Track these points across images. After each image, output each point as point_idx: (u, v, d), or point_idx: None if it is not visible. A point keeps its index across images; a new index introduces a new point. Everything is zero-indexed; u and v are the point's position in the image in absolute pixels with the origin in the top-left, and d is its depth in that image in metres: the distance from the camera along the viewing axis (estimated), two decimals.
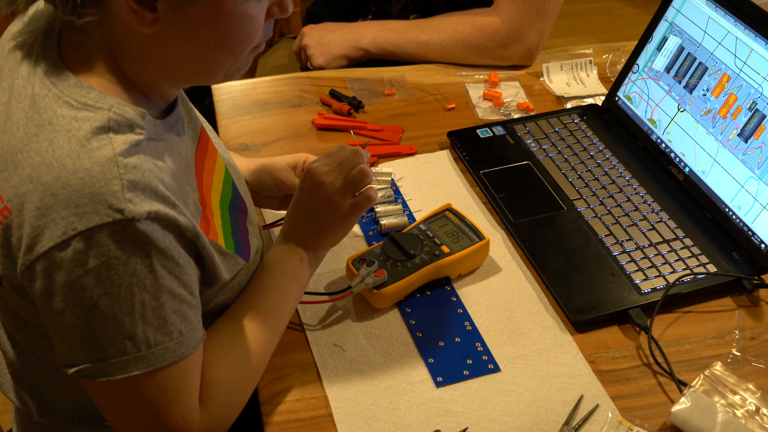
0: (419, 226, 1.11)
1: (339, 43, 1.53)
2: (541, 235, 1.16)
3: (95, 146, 0.70)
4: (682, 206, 1.21)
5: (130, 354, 0.74)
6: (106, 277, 0.71)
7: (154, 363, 0.75)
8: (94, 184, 0.69)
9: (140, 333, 0.74)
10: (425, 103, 1.45)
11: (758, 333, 1.06)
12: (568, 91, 1.49)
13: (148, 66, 0.76)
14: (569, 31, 1.73)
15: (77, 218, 0.69)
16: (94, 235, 0.70)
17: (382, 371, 0.97)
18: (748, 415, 0.93)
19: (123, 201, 0.69)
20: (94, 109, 0.72)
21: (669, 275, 1.10)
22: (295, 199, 0.95)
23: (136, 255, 0.71)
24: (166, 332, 0.75)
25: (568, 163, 1.29)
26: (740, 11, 1.16)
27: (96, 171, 0.70)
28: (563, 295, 1.07)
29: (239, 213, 0.92)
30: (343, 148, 0.95)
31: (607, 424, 0.92)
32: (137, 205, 0.70)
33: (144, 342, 0.74)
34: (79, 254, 0.70)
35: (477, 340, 1.01)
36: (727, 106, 1.17)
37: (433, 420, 0.92)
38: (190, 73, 0.79)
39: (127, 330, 0.73)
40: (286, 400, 0.94)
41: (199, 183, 0.85)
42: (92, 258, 0.70)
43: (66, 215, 0.69)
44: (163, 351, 0.76)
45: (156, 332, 0.75)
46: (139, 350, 0.74)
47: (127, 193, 0.70)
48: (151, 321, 0.74)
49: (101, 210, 0.69)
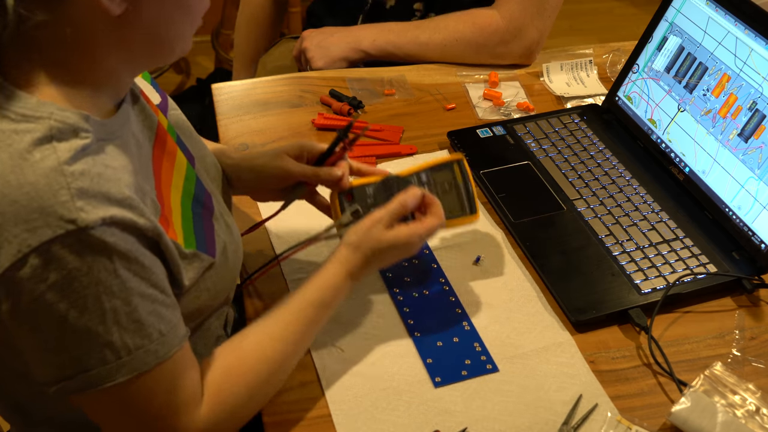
0: (421, 174, 1.02)
1: (339, 45, 1.53)
2: (541, 235, 1.16)
3: (38, 158, 0.68)
4: (682, 206, 1.20)
5: (111, 362, 0.73)
6: (70, 289, 0.69)
7: (138, 368, 0.74)
8: (41, 198, 0.67)
9: (117, 340, 0.72)
10: (425, 103, 1.44)
11: (758, 333, 1.06)
12: (568, 91, 1.49)
13: (108, 55, 0.74)
14: (569, 31, 1.73)
15: (29, 234, 0.67)
16: (49, 249, 0.67)
17: (380, 372, 0.97)
18: (748, 415, 0.93)
19: (74, 210, 0.67)
20: (33, 119, 0.69)
21: (669, 275, 1.10)
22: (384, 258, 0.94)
23: (97, 263, 0.69)
24: (145, 335, 0.74)
25: (568, 163, 1.29)
26: (740, 11, 1.16)
27: (42, 183, 0.67)
28: (563, 295, 1.07)
29: (203, 210, 0.90)
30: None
31: (606, 424, 0.92)
32: (89, 213, 0.68)
33: (123, 348, 0.73)
34: (37, 270, 0.68)
35: (475, 340, 1.01)
36: (727, 106, 1.17)
37: (432, 420, 0.92)
38: (153, 51, 0.77)
39: (103, 338, 0.72)
40: (286, 401, 0.94)
41: (157, 181, 0.83)
42: (52, 273, 0.68)
43: (17, 233, 0.67)
44: (144, 354, 0.74)
45: (134, 336, 0.73)
46: (119, 357, 0.73)
47: (78, 202, 0.68)
48: (127, 326, 0.72)
49: (52, 222, 0.67)
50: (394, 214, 0.94)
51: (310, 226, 1.07)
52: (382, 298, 1.06)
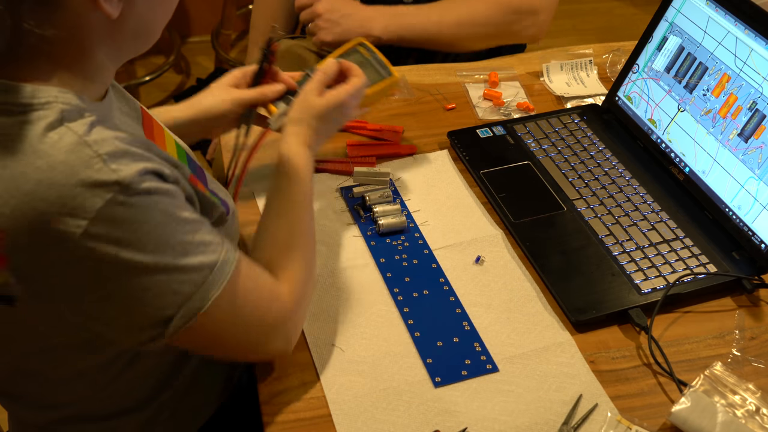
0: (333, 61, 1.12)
1: (351, 26, 1.49)
2: (541, 235, 1.16)
3: (57, 139, 0.71)
4: (682, 206, 1.20)
5: (201, 283, 0.78)
6: (138, 240, 0.73)
7: (224, 276, 0.80)
8: (78, 172, 0.70)
9: (197, 263, 0.78)
10: (425, 103, 1.44)
11: (758, 333, 1.06)
12: (568, 91, 1.49)
13: (98, 50, 0.77)
14: (569, 31, 1.73)
15: (80, 210, 0.70)
16: (105, 215, 0.71)
17: (380, 371, 0.97)
18: (748, 415, 0.93)
19: (112, 173, 0.71)
20: (40, 106, 0.72)
21: (669, 275, 1.10)
22: (316, 119, 1.02)
23: (150, 207, 0.73)
24: (213, 250, 0.80)
25: (568, 163, 1.29)
26: (740, 11, 1.16)
27: (72, 159, 0.70)
28: (563, 295, 1.07)
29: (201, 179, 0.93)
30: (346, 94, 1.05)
31: (606, 424, 0.92)
32: (126, 170, 0.71)
33: (206, 267, 0.78)
34: (102, 238, 0.71)
35: (475, 340, 1.01)
36: (727, 106, 1.17)
37: (432, 420, 0.92)
38: (135, 45, 0.81)
39: (186, 267, 0.77)
40: (286, 401, 0.94)
41: None
42: (117, 232, 0.72)
43: (69, 211, 0.70)
44: (223, 265, 0.80)
45: (207, 254, 0.79)
46: (205, 276, 0.78)
47: (111, 165, 0.71)
48: (197, 249, 0.78)
49: (98, 191, 0.70)
50: (319, 82, 1.04)
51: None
52: (382, 298, 1.07)
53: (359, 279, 1.09)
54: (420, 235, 1.16)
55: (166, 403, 0.98)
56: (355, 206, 1.20)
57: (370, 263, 1.11)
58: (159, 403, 0.97)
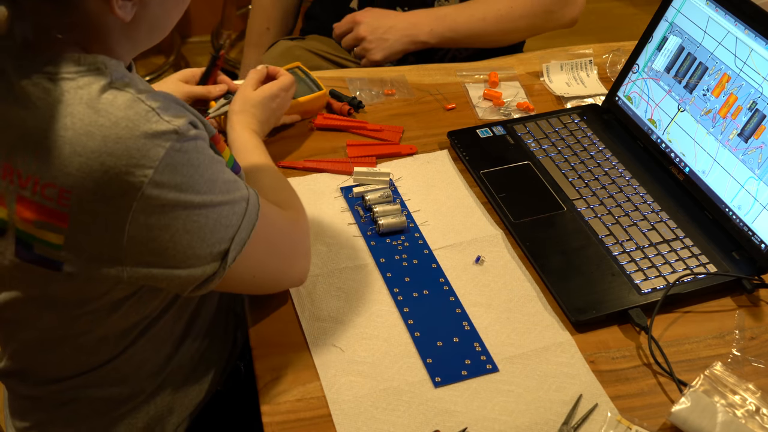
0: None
1: (398, 39, 1.51)
2: (541, 235, 1.16)
3: (111, 98, 0.77)
4: (682, 206, 1.20)
5: (243, 212, 0.86)
6: (196, 181, 0.80)
7: (257, 206, 0.89)
8: (139, 126, 0.76)
9: (238, 196, 0.86)
10: (425, 103, 1.44)
11: (758, 333, 1.06)
12: (568, 91, 1.49)
13: (116, 47, 0.82)
14: (569, 31, 1.74)
15: (146, 159, 0.76)
16: (166, 161, 0.77)
17: (380, 372, 0.97)
18: (748, 415, 0.93)
19: (167, 123, 0.77)
20: (89, 71, 0.78)
21: (669, 275, 1.10)
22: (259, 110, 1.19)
23: (198, 153, 0.81)
24: (241, 186, 0.88)
25: (568, 163, 1.29)
26: (740, 11, 1.16)
27: (131, 114, 0.76)
28: (563, 295, 1.07)
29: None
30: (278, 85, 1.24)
31: (606, 424, 0.92)
32: (178, 120, 0.79)
33: (243, 200, 0.86)
34: (165, 185, 0.78)
35: (475, 340, 1.01)
36: (727, 106, 1.17)
37: (432, 420, 0.92)
38: (150, 40, 0.86)
39: (229, 204, 0.84)
40: (286, 401, 0.94)
41: None
42: (177, 177, 0.78)
43: (135, 163, 0.76)
44: (252, 197, 0.89)
45: (241, 189, 0.87)
46: (244, 210, 0.86)
47: (164, 116, 0.78)
48: (234, 184, 0.86)
49: (159, 141, 0.77)
50: (252, 80, 1.23)
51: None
52: (382, 298, 1.06)
53: (359, 279, 1.09)
54: (420, 235, 1.16)
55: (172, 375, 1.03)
56: (355, 206, 1.20)
57: (370, 263, 1.11)
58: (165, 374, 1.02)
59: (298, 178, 1.25)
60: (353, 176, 1.25)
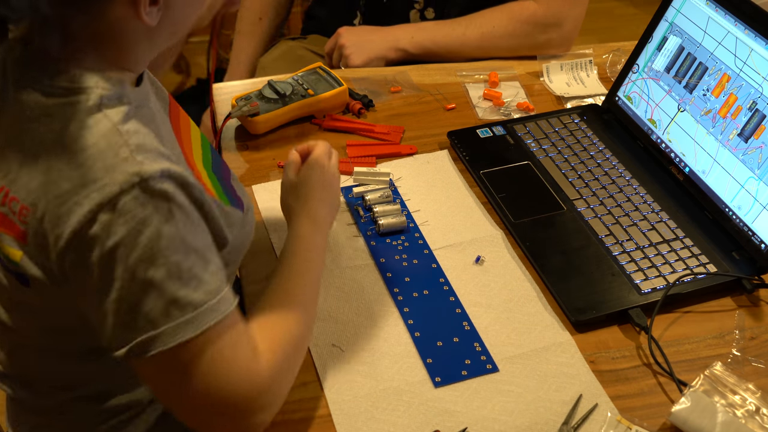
0: (294, 77, 1.37)
1: (377, 43, 1.52)
2: (541, 235, 1.16)
3: (93, 123, 0.73)
4: (682, 206, 1.20)
5: (177, 319, 0.73)
6: (137, 242, 0.71)
7: (204, 323, 0.74)
8: (105, 157, 0.72)
9: (182, 296, 0.73)
10: (425, 103, 1.44)
11: (758, 333, 1.06)
12: (568, 91, 1.49)
13: (136, 48, 0.80)
14: None
15: (98, 193, 0.71)
16: (117, 204, 0.71)
17: (380, 372, 0.97)
18: (748, 415, 0.93)
19: (135, 164, 0.72)
20: (81, 91, 0.75)
21: (669, 275, 1.10)
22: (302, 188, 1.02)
23: (159, 213, 0.72)
24: (206, 291, 0.75)
25: (568, 163, 1.29)
26: (740, 11, 1.16)
27: (102, 144, 0.72)
28: (563, 295, 1.07)
29: (223, 172, 0.96)
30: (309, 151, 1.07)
31: (606, 424, 0.92)
32: (149, 165, 0.72)
33: (189, 305, 0.74)
34: (107, 226, 0.71)
35: (475, 340, 1.01)
36: (727, 106, 1.17)
37: (432, 420, 0.92)
38: (171, 40, 0.84)
39: (169, 294, 0.73)
40: (286, 401, 0.93)
41: (181, 145, 0.88)
42: (120, 227, 0.71)
43: (87, 193, 0.71)
44: (208, 311, 0.75)
45: (196, 292, 0.74)
46: (184, 314, 0.73)
47: (137, 156, 0.72)
48: (189, 282, 0.74)
49: (118, 178, 0.71)
50: (290, 169, 1.05)
51: None
52: (382, 298, 1.06)
53: (359, 279, 1.09)
54: (420, 235, 1.16)
55: None
56: (355, 206, 1.20)
57: (370, 263, 1.11)
58: None
59: None
60: (353, 176, 1.25)
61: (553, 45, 1.54)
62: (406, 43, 1.52)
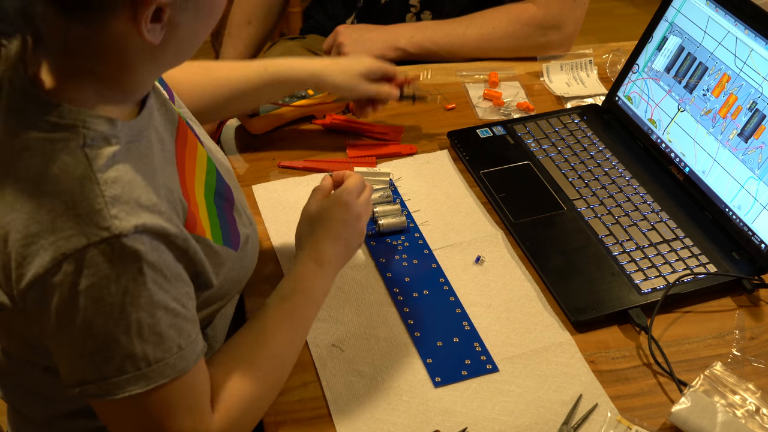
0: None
1: (376, 42, 1.52)
2: (541, 235, 1.16)
3: (71, 164, 0.70)
4: (682, 206, 1.20)
5: (130, 373, 0.73)
6: (99, 296, 0.70)
7: (156, 380, 0.74)
8: (77, 206, 0.69)
9: (139, 351, 0.73)
10: (425, 103, 1.44)
11: (758, 333, 1.06)
12: (568, 91, 1.49)
13: (140, 69, 0.76)
14: None
15: (65, 242, 0.68)
16: (83, 256, 0.69)
17: (380, 372, 0.97)
18: (748, 415, 0.93)
19: (108, 218, 0.69)
20: (65, 128, 0.71)
21: (669, 275, 1.10)
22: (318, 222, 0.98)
23: (127, 272, 0.70)
24: (165, 348, 0.74)
25: (568, 163, 1.29)
26: (740, 11, 1.16)
27: (77, 192, 0.69)
28: (563, 295, 1.07)
29: (225, 203, 0.92)
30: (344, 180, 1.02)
31: (606, 424, 0.92)
32: (123, 221, 0.69)
33: (143, 360, 0.73)
34: (69, 276, 0.69)
35: (475, 340, 1.01)
36: (727, 106, 1.17)
37: (432, 420, 0.92)
38: (177, 61, 0.80)
39: (125, 349, 0.72)
40: (286, 401, 0.94)
41: (181, 176, 0.84)
42: (84, 279, 0.69)
43: (53, 240, 0.69)
44: (163, 367, 0.74)
45: (155, 349, 0.74)
46: (138, 369, 0.73)
47: (112, 209, 0.69)
48: (149, 338, 0.73)
49: (87, 230, 0.68)
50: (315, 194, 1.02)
51: None
52: (382, 298, 1.06)
53: (359, 279, 1.09)
54: (420, 235, 1.16)
55: None
56: None
57: (370, 263, 1.11)
58: None
59: (298, 178, 1.25)
60: None
61: (553, 46, 1.54)
62: (405, 42, 1.52)
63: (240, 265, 0.91)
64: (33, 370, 0.90)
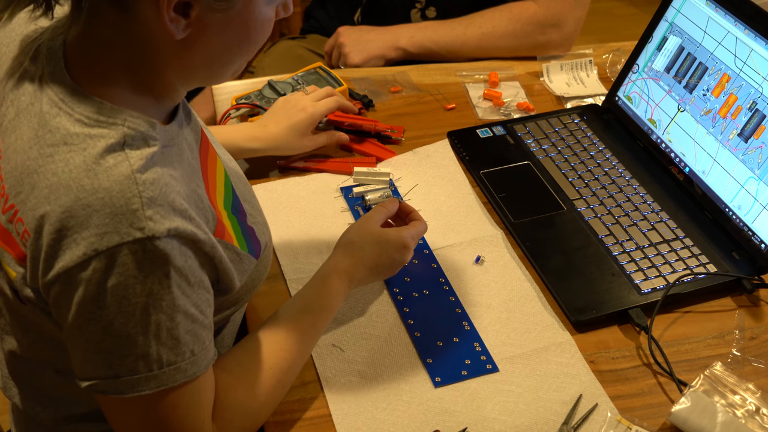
0: (294, 77, 1.38)
1: (377, 42, 1.53)
2: (541, 235, 1.16)
3: (112, 164, 0.70)
4: (682, 206, 1.20)
5: (142, 373, 0.74)
6: (124, 295, 0.71)
7: (166, 383, 0.75)
8: (114, 204, 0.69)
9: (153, 353, 0.73)
10: (425, 103, 1.44)
11: (758, 333, 1.06)
12: (568, 91, 1.49)
13: (168, 69, 0.75)
14: None
15: (98, 238, 0.69)
16: (114, 254, 0.69)
17: (380, 372, 0.97)
18: (748, 415, 0.93)
19: (143, 219, 0.69)
20: (107, 125, 0.72)
21: (669, 275, 1.10)
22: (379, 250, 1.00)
23: (154, 274, 0.71)
24: (179, 353, 0.75)
25: (568, 163, 1.29)
26: (740, 11, 1.16)
27: (116, 190, 0.69)
28: (563, 295, 1.07)
29: (239, 214, 0.92)
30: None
31: (606, 424, 0.92)
32: (157, 223, 0.70)
33: (156, 362, 0.74)
34: (98, 273, 0.70)
35: (475, 340, 1.01)
36: (727, 106, 1.17)
37: (432, 420, 0.92)
38: (207, 73, 0.79)
39: (141, 349, 0.73)
40: (286, 401, 0.94)
41: (206, 185, 0.85)
42: (112, 277, 0.70)
43: (87, 236, 0.69)
44: (174, 371, 0.75)
45: (169, 352, 0.74)
46: (150, 370, 0.74)
47: (147, 211, 0.69)
48: (165, 341, 0.74)
49: (122, 229, 0.69)
50: (381, 214, 1.04)
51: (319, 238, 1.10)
52: (382, 298, 1.07)
53: None
54: None
55: None
56: (355, 206, 1.20)
57: None
58: None
59: (297, 178, 1.25)
60: (353, 176, 1.25)
61: (554, 45, 1.55)
62: (405, 42, 1.52)
63: (257, 271, 0.92)
64: (44, 372, 0.90)
